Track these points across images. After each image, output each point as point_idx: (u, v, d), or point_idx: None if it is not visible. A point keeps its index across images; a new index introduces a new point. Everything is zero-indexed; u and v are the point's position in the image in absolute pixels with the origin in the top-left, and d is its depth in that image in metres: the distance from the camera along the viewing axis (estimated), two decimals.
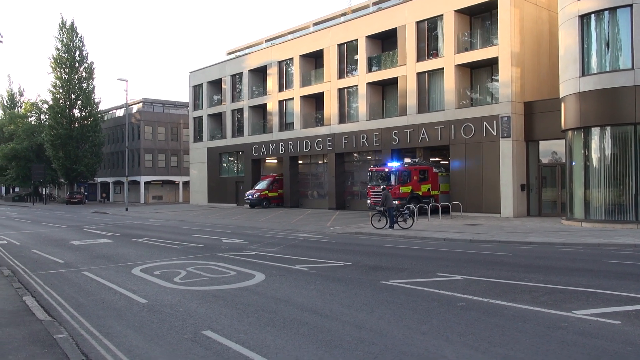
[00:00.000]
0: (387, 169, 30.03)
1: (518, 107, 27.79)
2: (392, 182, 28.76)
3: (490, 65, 29.61)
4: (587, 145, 22.18)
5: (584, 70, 21.97)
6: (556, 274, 10.99)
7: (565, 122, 23.16)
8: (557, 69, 25.01)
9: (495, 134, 27.98)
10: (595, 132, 21.86)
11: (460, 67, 30.17)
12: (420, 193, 29.86)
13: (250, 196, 41.82)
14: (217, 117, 49.70)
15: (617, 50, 21.18)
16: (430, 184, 30.63)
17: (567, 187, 23.63)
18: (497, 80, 28.93)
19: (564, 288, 9.41)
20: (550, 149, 28.15)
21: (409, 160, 32.23)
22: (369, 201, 30.03)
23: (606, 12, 21.23)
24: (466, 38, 30.64)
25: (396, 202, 26.30)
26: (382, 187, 26.30)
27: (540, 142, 28.16)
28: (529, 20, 28.59)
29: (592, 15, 21.67)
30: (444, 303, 8.44)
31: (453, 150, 30.32)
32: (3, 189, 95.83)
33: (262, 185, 42.73)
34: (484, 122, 28.43)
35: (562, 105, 23.37)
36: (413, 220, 22.66)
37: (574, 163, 22.84)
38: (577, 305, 8.12)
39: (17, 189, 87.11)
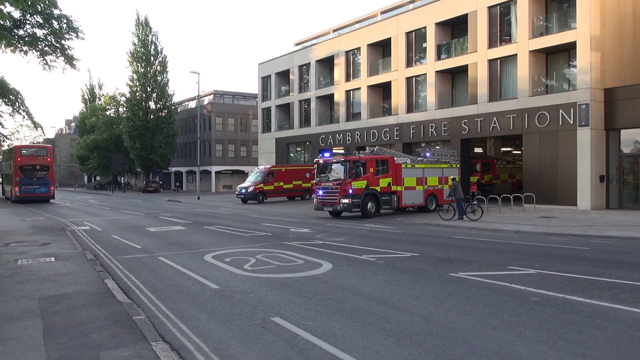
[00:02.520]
0: (334, 160, 24.62)
1: (597, 94, 26.35)
2: (342, 176, 23.51)
3: (568, 50, 28.18)
4: None
5: None
6: (639, 270, 10.38)
7: None
8: None
9: (572, 122, 26.69)
10: None
11: (535, 52, 28.92)
12: (378, 189, 24.34)
13: (242, 190, 39.22)
14: (285, 108, 50.29)
15: None
16: (391, 177, 24.89)
17: None
18: (574, 66, 27.52)
19: None
20: (632, 138, 26.54)
21: (367, 151, 27.51)
22: (315, 200, 25.15)
23: None
24: (541, 22, 29.31)
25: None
26: (452, 177, 25.25)
27: (621, 130, 26.59)
28: (610, 1, 26.97)
29: None
30: (516, 297, 8.17)
31: (526, 140, 29.19)
32: (85, 177, 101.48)
33: (255, 177, 40.22)
34: (560, 110, 27.17)
35: None
36: (482, 212, 22.07)
37: None
38: None
39: (97, 178, 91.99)
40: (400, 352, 5.78)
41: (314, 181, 26.01)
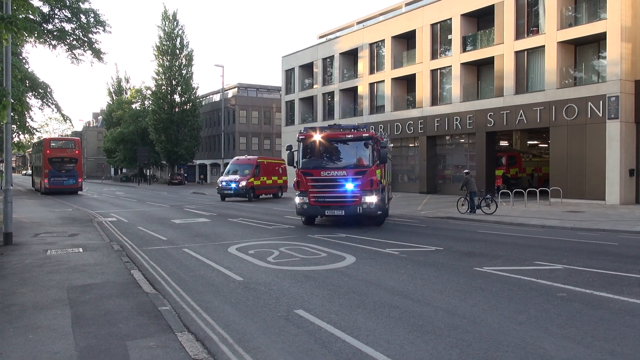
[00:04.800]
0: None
1: (628, 86, 25.72)
2: (366, 161, 17.16)
3: (597, 41, 27.54)
4: None
5: None
6: None
7: None
8: None
9: (601, 115, 26.12)
10: None
11: (563, 44, 28.34)
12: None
13: (231, 185, 33.03)
14: (309, 101, 50.26)
15: None
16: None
17: None
18: (604, 58, 26.89)
19: None
20: None
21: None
22: (303, 200, 17.51)
23: None
24: (570, 13, 28.68)
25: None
26: (465, 171, 24.71)
27: None
28: None
29: None
30: (542, 293, 8.05)
31: (553, 133, 28.68)
32: (112, 170, 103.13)
33: (243, 169, 34.19)
34: (589, 103, 26.60)
35: None
36: (496, 206, 21.90)
37: None
38: None
39: (124, 170, 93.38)
40: (424, 346, 5.75)
41: (299, 169, 17.68)
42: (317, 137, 17.42)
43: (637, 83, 25.92)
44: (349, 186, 16.86)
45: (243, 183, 32.94)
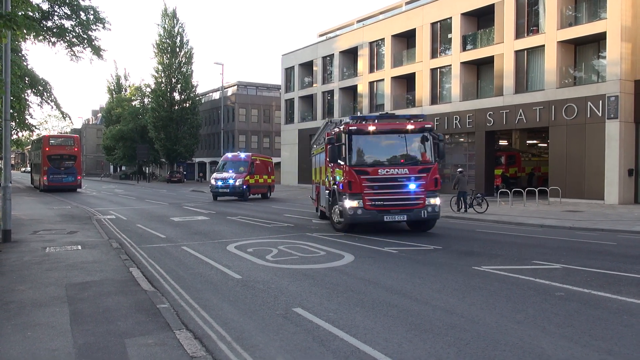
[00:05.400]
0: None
1: (628, 86, 25.73)
2: (428, 157, 15.20)
3: (597, 41, 27.56)
4: None
5: None
6: None
7: None
8: None
9: (600, 115, 26.14)
10: None
11: (563, 43, 28.35)
12: None
13: (228, 182, 30.94)
14: (308, 99, 50.25)
15: None
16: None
17: None
18: (604, 57, 26.91)
19: None
20: None
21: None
22: (353, 204, 14.73)
23: None
24: (570, 12, 28.69)
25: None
26: (459, 170, 24.60)
27: None
28: None
29: None
30: (540, 292, 8.06)
31: (553, 133, 28.70)
32: (111, 167, 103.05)
33: (237, 167, 32.06)
34: (589, 103, 26.62)
35: None
36: (487, 205, 22.10)
37: None
38: None
39: (123, 168, 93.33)
40: (422, 345, 5.76)
41: (349, 167, 14.67)
42: (372, 128, 14.81)
43: (637, 83, 25.94)
44: (412, 186, 14.60)
45: (240, 181, 30.93)
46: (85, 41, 25.50)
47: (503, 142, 38.92)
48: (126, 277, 9.25)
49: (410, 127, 15.08)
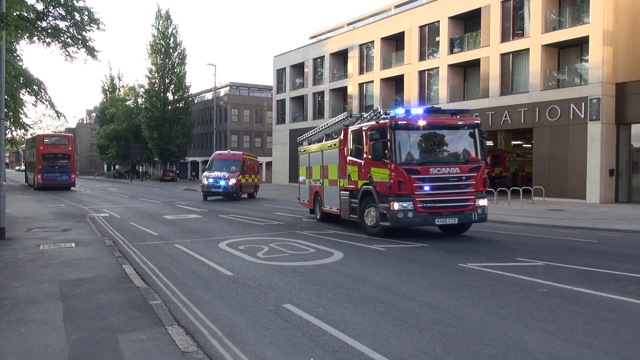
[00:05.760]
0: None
1: (609, 89, 25.97)
2: (475, 155, 14.26)
3: (580, 45, 27.79)
4: None
5: None
6: None
7: None
8: None
9: (583, 116, 26.36)
10: None
11: (547, 47, 28.55)
12: None
13: (220, 182, 29.45)
14: (299, 100, 50.22)
15: None
16: None
17: None
18: (586, 61, 27.14)
19: None
20: None
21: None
22: (405, 207, 13.03)
23: None
24: (554, 17, 28.90)
25: None
26: None
27: (632, 125, 26.23)
28: None
29: None
30: (524, 288, 8.12)
31: (537, 134, 28.91)
32: (105, 166, 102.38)
33: (229, 166, 30.66)
34: (571, 105, 26.83)
35: None
36: None
37: None
38: None
39: (117, 167, 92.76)
40: (409, 339, 5.78)
41: (398, 165, 13.02)
42: (423, 122, 13.35)
43: (618, 86, 26.19)
44: (463, 187, 13.49)
45: (233, 181, 29.54)
46: (80, 42, 25.28)
47: (488, 143, 38.98)
48: (119, 274, 9.20)
49: (461, 122, 13.95)
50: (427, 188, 13.06)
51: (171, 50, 63.98)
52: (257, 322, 6.50)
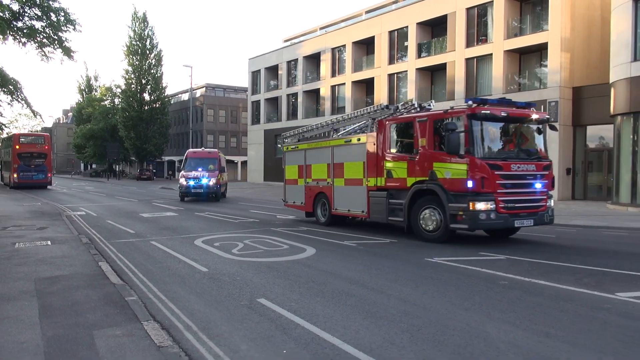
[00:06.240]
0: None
1: (566, 93, 26.61)
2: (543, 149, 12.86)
3: (540, 50, 28.41)
4: (636, 130, 21.07)
5: (636, 55, 20.77)
6: (600, 256, 10.55)
7: (615, 107, 22.04)
8: (608, 56, 23.72)
9: None
10: None
11: (509, 52, 29.10)
12: None
13: (201, 183, 27.31)
14: (274, 101, 50.08)
15: None
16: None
17: (614, 172, 22.55)
18: (545, 66, 27.76)
19: (608, 271, 9.02)
20: (597, 134, 26.89)
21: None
22: (475, 211, 11.40)
23: None
24: (516, 24, 29.46)
25: None
26: None
27: (587, 127, 26.93)
28: (580, 5, 27.17)
29: None
30: (486, 281, 8.26)
31: None
32: (82, 165, 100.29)
33: (206, 165, 28.38)
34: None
35: (612, 90, 22.22)
36: None
37: None
38: (620, 287, 7.77)
39: (93, 166, 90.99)
40: (378, 331, 5.83)
41: (480, 160, 11.32)
42: (505, 114, 11.75)
43: (575, 90, 26.84)
44: (539, 185, 11.94)
45: (214, 180, 27.40)
46: (56, 42, 24.70)
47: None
48: (95, 271, 9.03)
49: (535, 116, 12.43)
50: (508, 186, 11.51)
51: (147, 52, 63.06)
52: (232, 316, 6.46)
